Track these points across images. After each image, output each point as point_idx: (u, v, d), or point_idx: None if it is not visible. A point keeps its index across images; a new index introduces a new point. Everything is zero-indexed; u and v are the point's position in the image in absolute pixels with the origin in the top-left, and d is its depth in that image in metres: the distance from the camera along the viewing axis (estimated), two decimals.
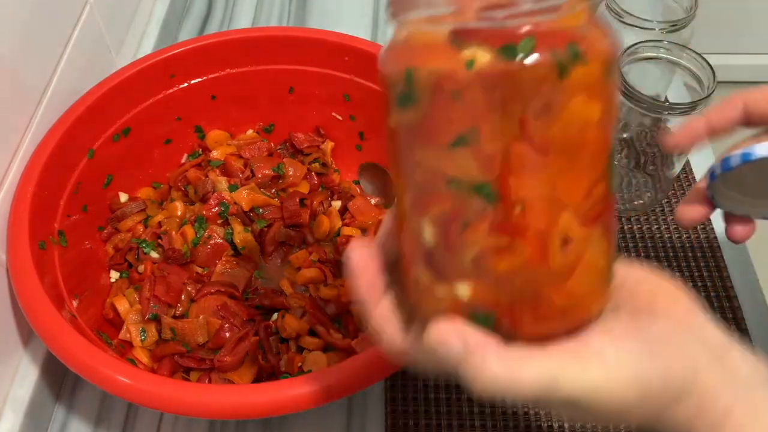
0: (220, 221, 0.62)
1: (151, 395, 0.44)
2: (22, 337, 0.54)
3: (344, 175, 0.70)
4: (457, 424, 0.55)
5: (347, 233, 0.63)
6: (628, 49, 0.59)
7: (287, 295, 0.59)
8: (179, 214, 0.63)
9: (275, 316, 0.58)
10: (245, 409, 0.43)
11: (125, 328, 0.56)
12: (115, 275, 0.61)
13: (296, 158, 0.69)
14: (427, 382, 0.57)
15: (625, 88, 0.57)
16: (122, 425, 0.55)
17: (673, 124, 0.59)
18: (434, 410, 0.55)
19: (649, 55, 0.60)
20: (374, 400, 0.56)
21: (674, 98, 0.75)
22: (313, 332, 0.57)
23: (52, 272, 0.53)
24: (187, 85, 0.65)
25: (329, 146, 0.70)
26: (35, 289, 0.48)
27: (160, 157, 0.67)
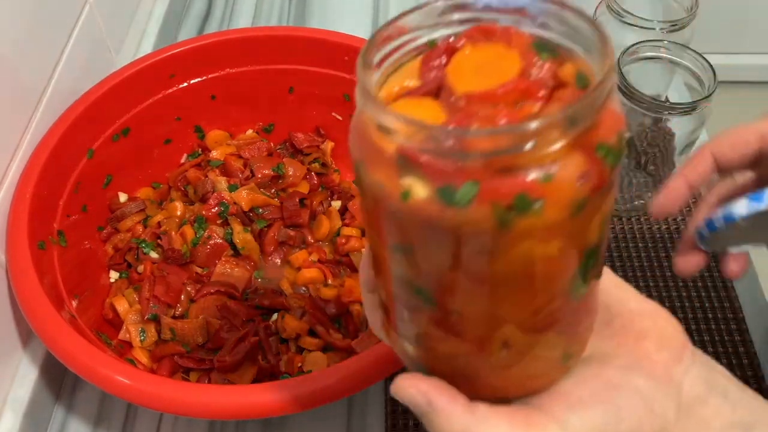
0: (219, 221, 0.62)
1: (150, 395, 0.44)
2: (21, 337, 0.54)
3: (344, 175, 0.70)
4: None
5: (347, 233, 0.63)
6: (628, 48, 0.59)
7: (287, 295, 0.59)
8: (179, 214, 0.63)
9: (275, 316, 0.58)
10: (245, 409, 0.43)
11: (125, 328, 0.56)
12: (114, 275, 0.61)
13: (296, 158, 0.69)
14: None
15: (625, 87, 0.57)
16: (122, 425, 0.55)
17: (673, 123, 0.58)
18: None
19: (649, 54, 0.60)
20: (374, 400, 0.56)
21: (675, 98, 0.75)
22: (312, 332, 0.57)
23: (51, 272, 0.53)
24: (186, 84, 0.65)
25: (329, 146, 0.70)
26: (35, 289, 0.48)
27: (159, 157, 0.67)
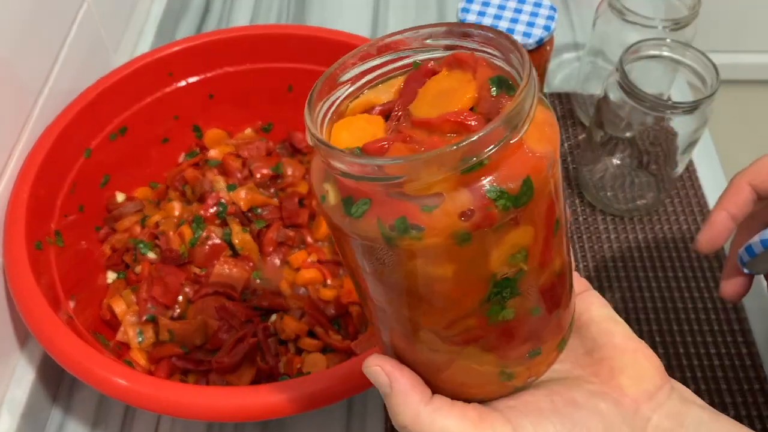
0: (218, 221, 0.62)
1: (148, 397, 0.43)
2: (18, 338, 0.54)
3: None
4: None
5: None
6: (630, 47, 0.58)
7: (286, 296, 0.59)
8: (177, 214, 0.63)
9: (274, 317, 0.57)
10: (243, 411, 0.43)
11: (122, 329, 0.56)
12: (112, 276, 0.61)
13: (295, 158, 0.68)
14: None
15: (627, 86, 0.56)
16: (119, 427, 0.55)
17: (675, 122, 0.58)
18: None
19: (652, 53, 0.59)
20: (374, 401, 0.56)
21: (677, 97, 0.74)
22: (312, 333, 0.56)
23: (48, 273, 0.52)
24: (184, 83, 0.65)
25: None
26: (32, 290, 0.48)
27: (157, 156, 0.67)
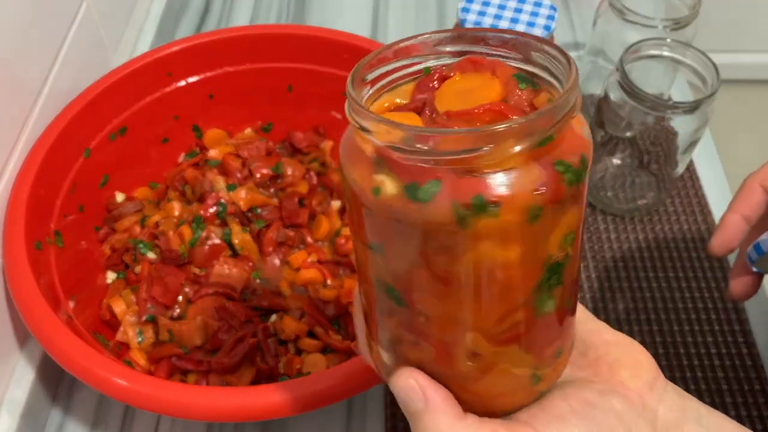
0: (218, 221, 0.62)
1: (148, 397, 0.43)
2: (18, 338, 0.54)
3: None
4: None
5: (347, 234, 0.63)
6: (631, 47, 0.58)
7: (286, 296, 0.59)
8: (176, 214, 0.62)
9: (274, 317, 0.57)
10: (243, 411, 0.43)
11: (122, 329, 0.56)
12: (111, 276, 0.60)
13: (295, 158, 0.68)
14: None
15: (627, 86, 0.56)
16: (119, 427, 0.55)
17: (676, 122, 0.58)
18: None
19: (652, 53, 0.59)
20: (374, 402, 0.56)
21: (678, 96, 0.74)
22: (312, 334, 0.56)
23: (48, 273, 0.52)
24: (184, 83, 0.65)
25: (328, 145, 0.69)
26: (31, 290, 0.48)
27: (157, 156, 0.67)
